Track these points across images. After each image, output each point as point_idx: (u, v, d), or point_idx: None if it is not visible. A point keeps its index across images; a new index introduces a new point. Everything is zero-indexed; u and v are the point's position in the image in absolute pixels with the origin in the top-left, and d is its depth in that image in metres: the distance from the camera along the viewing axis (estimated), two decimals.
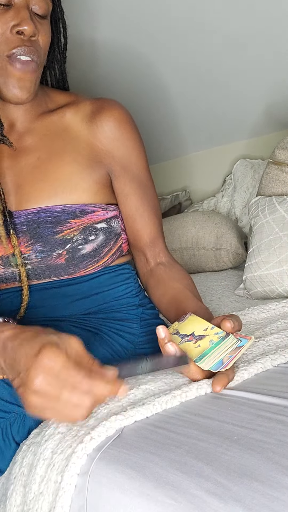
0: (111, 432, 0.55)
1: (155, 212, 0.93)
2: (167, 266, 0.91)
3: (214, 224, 1.88)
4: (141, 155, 0.91)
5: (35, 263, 0.82)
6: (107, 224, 0.85)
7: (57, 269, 0.83)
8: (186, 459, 0.48)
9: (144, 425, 0.57)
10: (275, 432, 0.51)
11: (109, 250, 0.86)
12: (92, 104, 0.89)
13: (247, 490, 0.43)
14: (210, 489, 0.44)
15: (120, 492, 0.48)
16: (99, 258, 0.85)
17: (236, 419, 0.55)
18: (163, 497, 0.45)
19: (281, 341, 0.77)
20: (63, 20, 0.91)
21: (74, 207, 0.82)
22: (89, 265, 0.84)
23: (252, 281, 1.35)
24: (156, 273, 0.91)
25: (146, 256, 0.92)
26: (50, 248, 0.81)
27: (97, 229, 0.84)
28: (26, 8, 0.77)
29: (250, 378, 0.66)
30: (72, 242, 0.81)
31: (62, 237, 0.81)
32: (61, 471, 0.53)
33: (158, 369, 0.61)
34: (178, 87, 2.03)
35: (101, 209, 0.85)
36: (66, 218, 0.81)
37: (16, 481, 0.59)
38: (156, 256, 0.92)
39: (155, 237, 0.92)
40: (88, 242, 0.83)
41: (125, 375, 0.57)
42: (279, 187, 1.58)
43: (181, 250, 1.92)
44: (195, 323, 0.69)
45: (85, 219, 0.83)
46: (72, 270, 0.84)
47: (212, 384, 0.62)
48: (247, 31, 1.67)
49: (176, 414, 0.58)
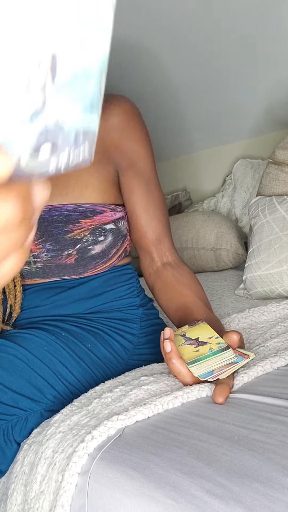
0: (112, 432, 0.55)
1: (161, 209, 0.91)
2: (174, 267, 0.90)
3: (214, 224, 1.88)
4: (149, 151, 0.91)
5: (45, 262, 0.82)
6: (115, 225, 0.85)
7: (66, 268, 0.83)
8: (187, 460, 0.48)
9: (145, 425, 0.57)
10: (276, 433, 0.51)
11: (116, 251, 0.86)
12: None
13: (248, 491, 0.43)
14: (211, 490, 0.44)
15: (121, 492, 0.48)
16: (107, 259, 0.85)
17: (237, 420, 0.55)
18: (164, 497, 0.45)
19: (281, 345, 0.77)
20: None
21: (85, 206, 0.82)
22: (98, 265, 0.84)
23: (252, 281, 1.35)
24: (163, 275, 0.89)
25: (151, 255, 0.91)
26: (61, 247, 0.81)
27: (106, 230, 0.84)
28: None
29: (251, 381, 0.66)
30: (82, 242, 0.81)
31: (73, 237, 0.81)
32: (62, 470, 0.53)
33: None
34: (177, 87, 2.03)
35: (110, 209, 0.85)
36: (76, 218, 0.81)
37: (17, 480, 0.59)
38: (162, 255, 0.90)
39: (160, 235, 0.90)
40: (98, 243, 0.83)
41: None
42: (279, 187, 1.58)
43: (181, 250, 1.92)
44: (203, 330, 0.69)
45: (95, 219, 0.83)
46: (81, 270, 0.84)
47: (214, 395, 0.61)
48: (248, 31, 1.67)
49: (177, 415, 0.58)
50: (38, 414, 0.70)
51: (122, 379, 0.70)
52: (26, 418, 0.68)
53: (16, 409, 0.67)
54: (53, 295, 0.84)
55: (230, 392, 0.63)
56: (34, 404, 0.70)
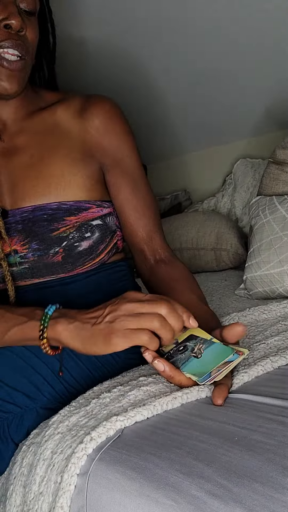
0: (111, 432, 0.55)
1: (149, 206, 0.91)
2: (167, 264, 0.89)
3: (214, 224, 1.88)
4: (133, 148, 0.91)
5: (32, 262, 0.82)
6: (102, 221, 0.85)
7: (54, 267, 0.83)
8: (186, 460, 0.48)
9: (144, 426, 0.56)
10: (276, 433, 0.51)
11: (105, 247, 0.86)
12: (82, 100, 0.90)
13: (248, 491, 0.42)
14: (211, 490, 0.43)
15: (120, 493, 0.48)
16: (95, 255, 0.85)
17: (236, 421, 0.55)
18: (163, 498, 0.45)
19: (281, 343, 0.76)
20: (52, 20, 0.92)
21: (69, 204, 0.82)
22: (86, 262, 0.84)
23: (253, 281, 1.35)
24: (157, 273, 0.89)
25: (144, 253, 0.91)
26: (47, 246, 0.81)
27: (93, 226, 0.84)
28: (13, 4, 0.79)
29: (251, 380, 0.66)
30: (68, 239, 0.81)
31: (58, 235, 0.81)
32: (61, 471, 0.53)
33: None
34: (177, 87, 2.03)
35: (96, 206, 0.85)
36: (61, 216, 0.81)
37: (16, 481, 0.59)
38: (154, 252, 0.90)
39: (151, 231, 0.90)
40: (84, 239, 0.83)
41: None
42: (279, 187, 1.58)
43: (181, 250, 1.92)
44: (195, 332, 0.67)
45: (80, 216, 0.83)
46: (69, 268, 0.83)
47: (213, 397, 0.60)
48: (247, 30, 1.67)
49: (177, 415, 0.58)
50: (34, 412, 0.70)
51: (120, 379, 0.70)
52: (22, 416, 0.68)
53: (12, 405, 0.67)
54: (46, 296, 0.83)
55: (229, 392, 0.62)
56: (30, 401, 0.69)
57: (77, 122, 0.88)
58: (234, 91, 1.98)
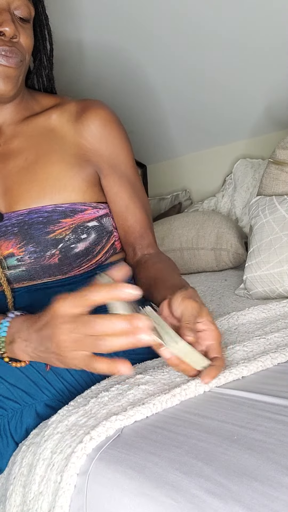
0: (110, 432, 0.55)
1: (145, 209, 0.95)
2: (153, 255, 0.93)
3: (214, 224, 1.88)
4: (129, 153, 0.93)
5: (29, 264, 0.82)
6: (98, 222, 0.86)
7: (51, 269, 0.83)
8: (186, 459, 0.48)
9: (143, 425, 0.56)
10: (275, 432, 0.51)
11: (101, 248, 0.87)
12: (77, 105, 0.91)
13: (247, 490, 0.42)
14: (210, 489, 0.43)
15: (120, 492, 0.48)
16: (92, 257, 0.85)
17: (236, 419, 0.55)
18: (163, 497, 0.45)
19: (281, 340, 0.77)
20: (48, 26, 0.92)
21: (64, 206, 0.83)
22: (83, 263, 0.85)
23: (253, 281, 1.35)
24: (141, 261, 0.92)
25: (134, 250, 0.94)
26: (43, 248, 0.81)
27: (89, 228, 0.84)
28: (7, 11, 0.79)
29: (250, 377, 0.66)
30: (64, 241, 0.82)
31: (54, 237, 0.82)
32: (61, 471, 0.53)
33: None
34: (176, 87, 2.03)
35: (92, 207, 0.86)
36: (57, 218, 0.82)
37: (15, 481, 0.59)
38: (144, 248, 0.94)
39: (144, 232, 0.94)
40: (81, 241, 0.83)
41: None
42: (279, 187, 1.58)
43: (181, 250, 1.92)
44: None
45: (76, 218, 0.83)
46: (66, 269, 0.84)
47: (201, 376, 0.61)
48: (246, 30, 1.67)
49: (176, 414, 0.58)
50: (33, 410, 0.70)
51: (117, 378, 0.70)
52: (21, 412, 0.68)
53: (11, 402, 0.67)
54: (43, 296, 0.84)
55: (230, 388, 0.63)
56: (29, 397, 0.69)
57: (72, 126, 0.88)
58: (234, 91, 1.98)
